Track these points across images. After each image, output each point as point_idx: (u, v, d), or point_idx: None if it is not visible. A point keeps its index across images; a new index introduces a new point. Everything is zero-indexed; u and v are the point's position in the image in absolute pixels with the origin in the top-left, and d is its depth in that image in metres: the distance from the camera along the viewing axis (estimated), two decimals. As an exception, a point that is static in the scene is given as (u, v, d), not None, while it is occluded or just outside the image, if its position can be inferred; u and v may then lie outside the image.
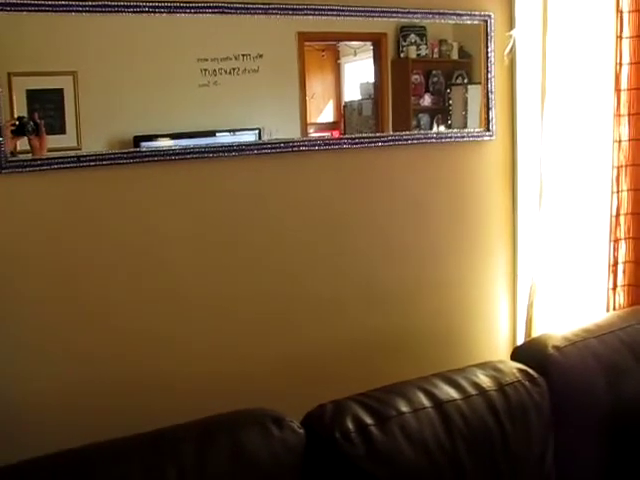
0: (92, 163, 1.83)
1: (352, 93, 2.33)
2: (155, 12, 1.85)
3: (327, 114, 2.29)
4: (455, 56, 2.39)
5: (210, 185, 2.00)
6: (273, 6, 1.99)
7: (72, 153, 1.82)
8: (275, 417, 1.62)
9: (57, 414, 1.80)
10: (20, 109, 1.78)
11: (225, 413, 1.62)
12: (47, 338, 1.82)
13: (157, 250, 1.95)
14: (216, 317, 2.02)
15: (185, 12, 1.89)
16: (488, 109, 2.37)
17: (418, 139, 2.27)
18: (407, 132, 2.26)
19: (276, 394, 1.86)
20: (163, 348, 1.95)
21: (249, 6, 1.96)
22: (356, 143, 2.18)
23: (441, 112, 2.38)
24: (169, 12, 1.87)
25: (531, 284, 2.39)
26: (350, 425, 1.64)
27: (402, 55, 2.29)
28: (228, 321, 2.04)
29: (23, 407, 1.78)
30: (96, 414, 1.82)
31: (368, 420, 1.66)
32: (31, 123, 1.79)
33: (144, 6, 1.83)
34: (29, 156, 1.79)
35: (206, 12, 1.91)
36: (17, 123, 1.77)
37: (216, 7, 1.92)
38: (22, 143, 1.80)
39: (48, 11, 1.74)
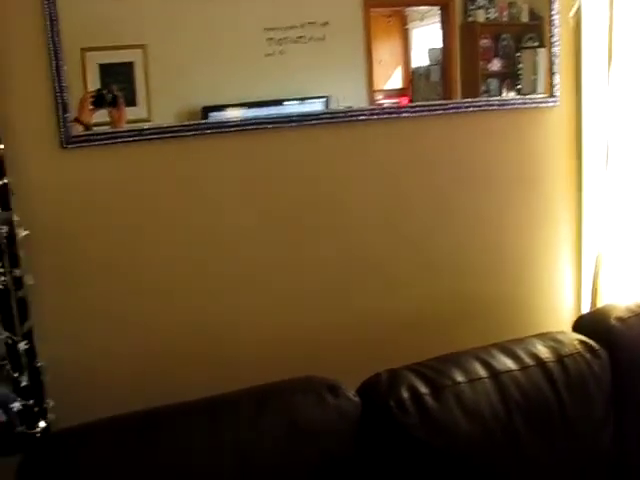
0: (155, 136, 1.88)
1: (420, 59, 2.30)
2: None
3: (395, 80, 2.27)
4: (525, 19, 2.32)
5: (274, 155, 2.03)
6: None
7: (135, 126, 1.87)
8: (331, 385, 1.65)
9: (125, 379, 1.89)
10: (94, 83, 1.85)
11: (281, 381, 1.66)
12: (114, 306, 1.90)
13: (219, 222, 1.99)
14: (280, 288, 2.06)
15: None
16: (552, 74, 2.29)
17: (479, 106, 2.23)
18: (469, 99, 2.22)
19: (334, 362, 1.89)
20: (225, 318, 2.01)
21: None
22: (416, 111, 2.16)
23: (510, 76, 2.33)
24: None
25: (597, 254, 2.33)
26: (405, 394, 1.66)
27: (470, 19, 2.25)
28: (291, 291, 2.08)
29: (96, 371, 1.87)
30: (159, 379, 1.89)
31: (423, 389, 1.68)
32: (110, 95, 1.85)
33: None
34: (105, 128, 1.85)
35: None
36: (96, 95, 1.84)
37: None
38: (101, 115, 1.85)
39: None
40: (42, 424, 1.66)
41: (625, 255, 2.33)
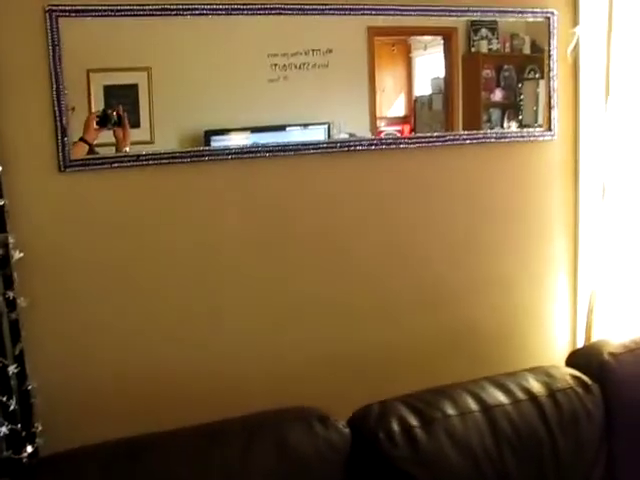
0: (153, 162, 1.89)
1: (423, 87, 2.32)
2: (214, 14, 1.89)
3: (398, 108, 2.29)
4: (527, 50, 2.34)
5: (273, 183, 2.03)
6: (335, 6, 2.00)
7: (133, 152, 1.89)
8: (321, 416, 1.65)
9: (116, 403, 1.89)
10: (98, 104, 1.86)
11: (272, 409, 1.66)
12: (108, 330, 1.91)
13: (216, 251, 1.99)
14: (274, 318, 2.07)
15: (242, 13, 1.92)
16: (550, 107, 2.31)
17: (478, 139, 2.24)
18: (467, 132, 2.24)
19: (324, 393, 1.88)
20: (213, 344, 2.01)
21: (305, 7, 1.97)
22: (415, 143, 2.17)
23: (512, 107, 2.35)
24: (227, 13, 1.90)
25: (592, 289, 2.33)
26: (395, 426, 1.66)
27: (473, 50, 2.27)
28: (286, 322, 2.08)
29: (87, 394, 1.87)
30: (151, 405, 1.90)
31: (413, 422, 1.68)
32: (115, 115, 1.87)
33: (202, 9, 1.87)
34: (106, 150, 1.87)
35: (263, 14, 1.93)
36: (101, 114, 1.85)
37: (273, 9, 1.95)
38: (106, 136, 1.87)
39: (109, 16, 1.80)
40: (29, 449, 1.65)
41: (620, 291, 2.32)
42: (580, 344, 2.36)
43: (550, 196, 2.36)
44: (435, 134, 2.21)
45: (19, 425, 1.65)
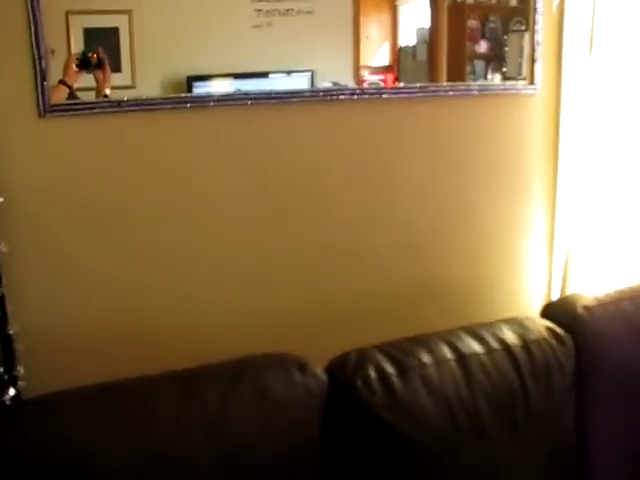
0: (135, 108, 1.87)
1: (408, 37, 2.30)
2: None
3: (382, 57, 2.27)
4: (514, 2, 2.33)
5: (254, 131, 2.02)
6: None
7: (114, 98, 1.86)
8: (299, 362, 1.67)
9: (98, 348, 1.90)
10: (77, 47, 1.84)
11: (249, 356, 1.68)
12: (92, 275, 1.91)
13: (199, 199, 1.99)
14: (249, 264, 2.07)
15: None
16: (533, 61, 2.28)
17: (460, 91, 2.23)
18: (449, 84, 2.22)
19: (303, 340, 1.92)
20: (193, 291, 2.02)
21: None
22: (397, 94, 2.16)
23: (497, 59, 2.34)
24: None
25: (569, 242, 2.36)
26: (372, 374, 1.69)
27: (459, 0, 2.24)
28: (265, 271, 2.09)
29: (70, 339, 1.89)
30: (134, 350, 1.90)
31: (390, 369, 1.71)
32: (95, 57, 1.84)
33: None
34: (88, 94, 1.85)
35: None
36: (81, 57, 1.83)
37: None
38: (85, 80, 1.84)
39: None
40: (12, 392, 1.67)
41: (597, 244, 2.35)
42: (555, 297, 2.39)
43: (531, 151, 2.36)
44: (418, 85, 2.19)
45: (1, 369, 1.67)
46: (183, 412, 1.55)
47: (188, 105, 1.92)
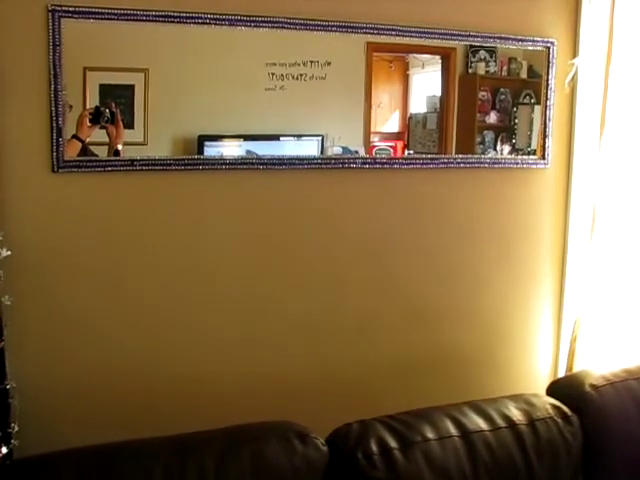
0: (147, 167, 1.88)
1: (418, 105, 2.33)
2: (216, 24, 1.89)
3: (392, 124, 2.29)
4: (524, 75, 2.36)
5: (265, 196, 2.04)
6: (337, 23, 2.00)
7: (127, 157, 1.88)
8: (300, 432, 1.64)
9: (96, 408, 1.88)
10: (93, 103, 1.86)
11: (250, 423, 1.65)
12: (93, 334, 1.90)
13: (204, 260, 1.99)
14: (255, 327, 2.07)
15: (245, 25, 1.92)
16: (545, 136, 2.33)
17: (472, 163, 2.25)
18: (461, 155, 2.25)
19: (305, 410, 1.88)
20: (198, 351, 2.01)
21: (309, 22, 1.97)
22: (409, 164, 2.18)
23: (506, 130, 2.36)
24: (230, 24, 1.90)
25: (576, 317, 2.34)
26: (374, 447, 1.65)
27: (470, 71, 2.28)
28: (265, 332, 2.08)
29: (67, 398, 1.86)
30: (132, 412, 1.89)
31: (392, 443, 1.67)
32: (107, 112, 1.85)
33: (206, 17, 1.87)
34: (102, 149, 1.86)
35: (266, 27, 1.94)
36: (94, 112, 1.84)
37: (276, 22, 1.94)
38: (100, 135, 1.85)
39: (112, 19, 1.80)
40: (4, 450, 1.63)
41: (604, 320, 2.34)
42: (562, 372, 2.37)
43: (540, 224, 2.37)
44: (429, 156, 2.22)
45: (-5, 426, 1.64)
46: (178, 478, 1.50)
47: (200, 167, 1.93)
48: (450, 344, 2.28)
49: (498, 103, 2.36)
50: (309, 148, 2.10)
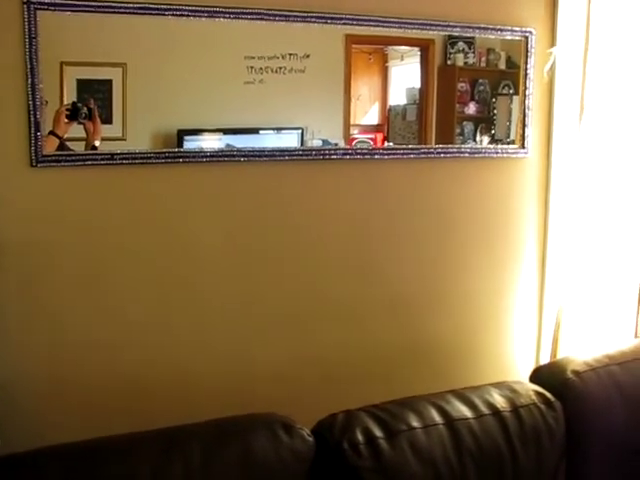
0: (126, 161, 1.87)
1: (398, 97, 2.33)
2: (195, 16, 1.87)
3: (372, 116, 2.30)
4: (502, 66, 2.37)
5: (246, 188, 2.03)
6: (316, 14, 1.99)
7: (106, 150, 1.86)
8: (285, 423, 1.64)
9: (81, 404, 1.87)
10: (70, 98, 1.84)
11: (236, 416, 1.65)
12: (76, 330, 1.88)
13: (185, 251, 1.98)
14: (238, 320, 2.06)
15: (224, 17, 1.90)
16: (524, 125, 2.34)
17: (452, 153, 2.26)
18: (441, 145, 2.25)
19: (290, 400, 1.89)
20: (180, 346, 2.00)
21: (288, 13, 1.97)
22: (389, 154, 2.18)
23: (485, 121, 2.37)
24: (209, 16, 1.89)
25: (559, 305, 2.36)
26: (359, 437, 1.65)
27: (449, 62, 2.28)
28: (252, 325, 2.07)
29: (51, 394, 1.85)
30: (117, 408, 1.88)
31: (378, 433, 1.68)
32: (85, 108, 1.84)
33: (184, 9, 1.86)
34: (79, 145, 1.85)
35: (245, 18, 1.92)
36: (71, 108, 1.82)
37: (255, 13, 1.93)
38: (77, 130, 1.84)
39: (89, 11, 1.78)
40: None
41: (587, 307, 2.36)
42: (545, 359, 2.38)
43: (521, 213, 2.39)
44: (410, 146, 2.22)
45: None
46: (164, 472, 1.50)
47: (180, 160, 1.92)
48: (432, 332, 2.28)
49: (477, 94, 2.37)
50: (289, 141, 2.09)
